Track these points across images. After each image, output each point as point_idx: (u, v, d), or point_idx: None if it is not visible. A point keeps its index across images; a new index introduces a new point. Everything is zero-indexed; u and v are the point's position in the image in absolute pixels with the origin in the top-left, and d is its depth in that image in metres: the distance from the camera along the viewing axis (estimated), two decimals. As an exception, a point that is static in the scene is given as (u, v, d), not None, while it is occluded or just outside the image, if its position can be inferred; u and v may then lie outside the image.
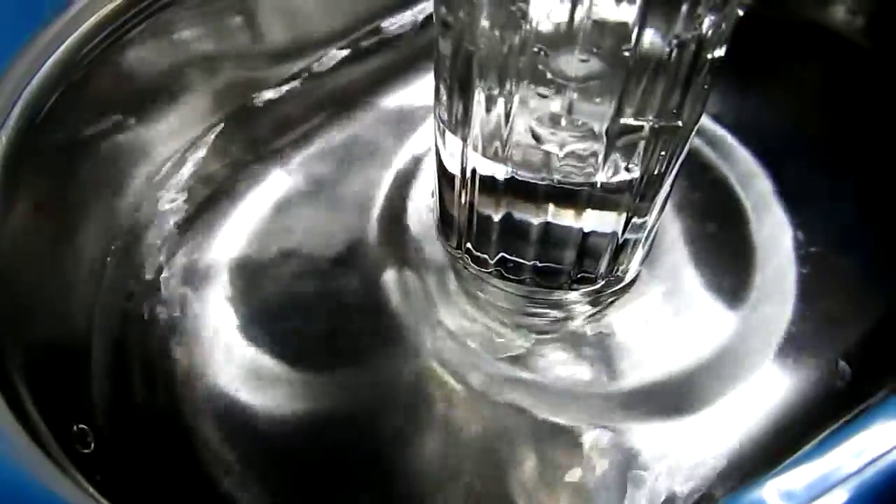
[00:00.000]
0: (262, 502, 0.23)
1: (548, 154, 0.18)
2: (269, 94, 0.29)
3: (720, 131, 0.29)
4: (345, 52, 0.30)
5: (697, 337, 0.25)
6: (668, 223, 0.27)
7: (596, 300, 0.24)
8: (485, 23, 0.16)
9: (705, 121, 0.29)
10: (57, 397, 0.21)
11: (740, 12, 0.17)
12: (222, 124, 0.28)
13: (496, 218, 0.20)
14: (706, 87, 0.18)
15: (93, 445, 0.21)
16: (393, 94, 0.30)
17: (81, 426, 0.21)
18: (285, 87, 0.29)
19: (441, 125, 0.20)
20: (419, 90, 0.30)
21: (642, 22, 0.15)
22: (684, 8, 0.15)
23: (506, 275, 0.22)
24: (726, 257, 0.26)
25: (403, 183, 0.28)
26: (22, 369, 0.20)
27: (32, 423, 0.18)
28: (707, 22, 0.16)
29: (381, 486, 0.23)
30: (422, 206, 0.27)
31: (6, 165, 0.21)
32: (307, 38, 0.29)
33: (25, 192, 0.22)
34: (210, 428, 0.23)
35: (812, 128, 0.29)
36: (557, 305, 0.24)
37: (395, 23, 0.31)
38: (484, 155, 0.19)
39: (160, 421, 0.24)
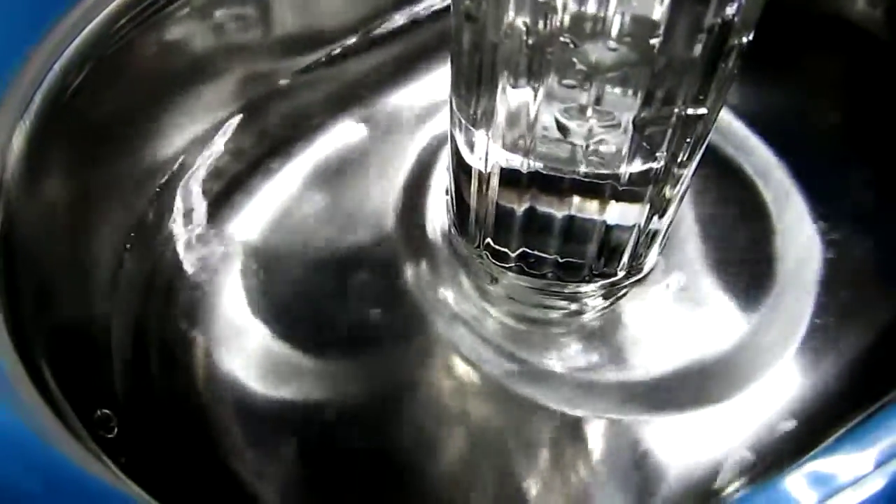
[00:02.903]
0: (280, 488, 0.23)
1: (573, 146, 0.18)
2: (284, 86, 0.29)
3: (739, 123, 0.29)
4: (360, 44, 0.30)
5: (716, 328, 0.25)
6: (685, 214, 0.27)
7: (610, 292, 0.24)
8: (511, 14, 0.16)
9: (724, 113, 0.29)
10: (80, 382, 0.21)
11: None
12: (238, 116, 0.28)
13: (519, 211, 0.20)
14: (733, 73, 0.18)
15: (116, 430, 0.21)
16: (409, 85, 0.30)
17: (104, 411, 0.21)
18: (300, 79, 0.29)
19: (460, 119, 0.20)
20: (435, 81, 0.30)
21: (673, 9, 0.15)
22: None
23: (527, 270, 0.22)
24: (746, 248, 0.26)
25: (420, 175, 0.28)
26: (46, 354, 0.20)
27: (60, 407, 0.18)
28: (735, 6, 0.16)
29: (398, 475, 0.23)
30: (439, 197, 0.28)
31: (30, 147, 0.21)
32: (321, 30, 0.29)
33: (48, 175, 0.22)
34: (229, 414, 0.24)
35: (831, 118, 0.29)
36: (572, 298, 0.24)
37: (408, 14, 0.31)
38: (507, 149, 0.19)
39: (180, 406, 0.24)
